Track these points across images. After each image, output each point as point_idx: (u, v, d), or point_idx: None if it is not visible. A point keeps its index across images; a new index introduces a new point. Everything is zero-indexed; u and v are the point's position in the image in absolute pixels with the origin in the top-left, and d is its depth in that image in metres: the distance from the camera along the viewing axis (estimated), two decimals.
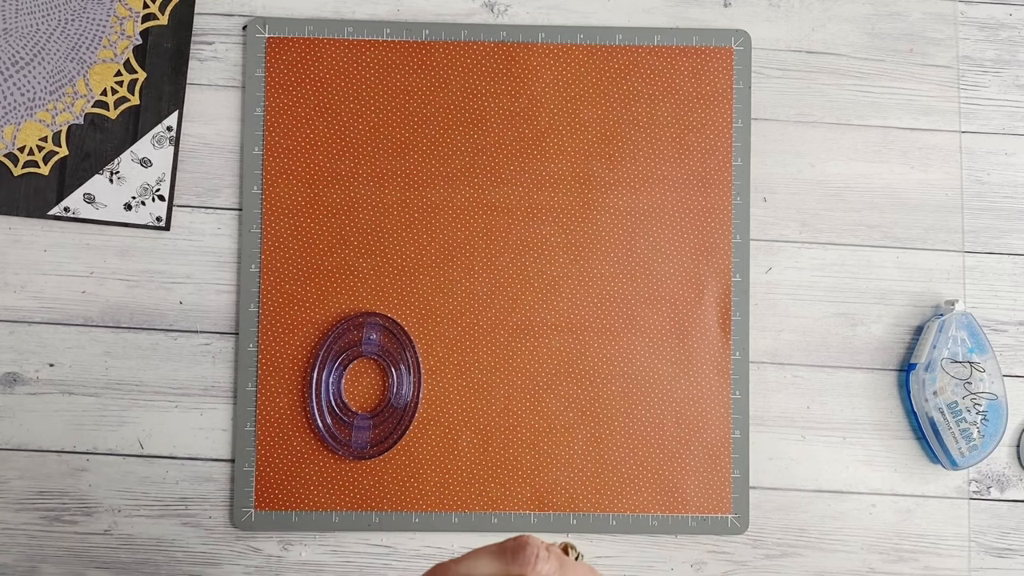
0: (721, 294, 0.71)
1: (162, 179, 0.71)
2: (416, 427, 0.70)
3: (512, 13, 0.73)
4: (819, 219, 0.73)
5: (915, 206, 0.73)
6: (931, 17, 0.74)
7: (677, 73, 0.72)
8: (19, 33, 0.70)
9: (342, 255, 0.71)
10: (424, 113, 0.72)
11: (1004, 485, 0.72)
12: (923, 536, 0.71)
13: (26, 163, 0.70)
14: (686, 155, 0.72)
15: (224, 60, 0.72)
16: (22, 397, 0.70)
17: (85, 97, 0.71)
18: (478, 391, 0.70)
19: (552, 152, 0.72)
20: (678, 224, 0.72)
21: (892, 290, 0.73)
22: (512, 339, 0.71)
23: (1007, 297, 0.73)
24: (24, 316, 0.70)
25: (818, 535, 0.71)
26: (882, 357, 0.72)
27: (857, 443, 0.72)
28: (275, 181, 0.71)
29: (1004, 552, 0.71)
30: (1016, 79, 0.74)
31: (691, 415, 0.71)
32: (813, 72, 0.74)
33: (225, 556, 0.70)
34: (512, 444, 0.70)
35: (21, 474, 0.70)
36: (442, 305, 0.71)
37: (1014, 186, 0.73)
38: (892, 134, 0.73)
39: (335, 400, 0.69)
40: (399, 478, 0.70)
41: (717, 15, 0.73)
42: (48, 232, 0.71)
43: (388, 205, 0.71)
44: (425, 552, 0.70)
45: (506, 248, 0.71)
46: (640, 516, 0.70)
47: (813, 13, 0.74)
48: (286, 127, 0.71)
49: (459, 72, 0.72)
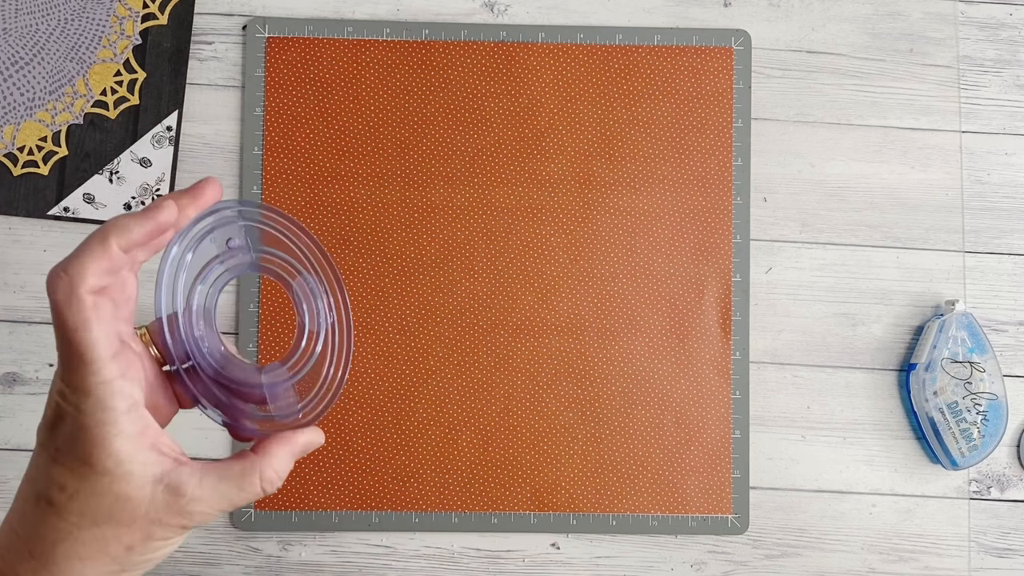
0: (721, 294, 0.71)
1: (162, 179, 0.71)
2: (416, 427, 0.70)
3: (512, 13, 0.73)
4: (819, 219, 0.73)
5: (915, 206, 0.73)
6: (931, 17, 0.74)
7: (677, 73, 0.72)
8: (19, 33, 0.70)
9: (342, 255, 0.71)
10: (424, 113, 0.72)
11: (1004, 485, 0.72)
12: (923, 536, 0.71)
13: (26, 163, 0.70)
14: (686, 155, 0.72)
15: (224, 60, 0.72)
16: (22, 397, 0.70)
17: (85, 97, 0.71)
18: (478, 391, 0.70)
19: (552, 152, 0.72)
20: (678, 224, 0.72)
21: (892, 290, 0.73)
22: (512, 339, 0.71)
23: (1007, 297, 0.73)
24: (24, 316, 0.70)
25: (818, 535, 0.71)
26: (882, 357, 0.72)
27: (857, 443, 0.72)
28: (275, 181, 0.71)
29: (1004, 552, 0.71)
30: (1016, 79, 0.74)
31: (691, 415, 0.71)
32: (813, 72, 0.73)
33: (225, 556, 0.70)
34: (512, 444, 0.70)
35: (21, 474, 0.69)
36: (442, 305, 0.71)
37: (1014, 186, 0.73)
38: (892, 134, 0.73)
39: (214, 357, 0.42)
40: (399, 478, 0.70)
41: (717, 15, 0.73)
42: (48, 232, 0.71)
43: (388, 205, 0.71)
44: (425, 552, 0.70)
45: (506, 248, 0.71)
46: (640, 516, 0.70)
47: (813, 13, 0.74)
48: (286, 127, 0.71)
49: (459, 72, 0.72)
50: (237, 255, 0.44)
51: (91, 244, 0.38)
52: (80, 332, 0.37)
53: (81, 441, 0.37)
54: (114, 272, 0.38)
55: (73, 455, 0.38)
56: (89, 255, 0.37)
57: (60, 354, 0.38)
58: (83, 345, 0.37)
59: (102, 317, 0.37)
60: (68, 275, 0.37)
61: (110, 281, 0.38)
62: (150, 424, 0.39)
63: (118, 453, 0.37)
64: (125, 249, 0.38)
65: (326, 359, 0.46)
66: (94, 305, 0.37)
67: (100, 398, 0.37)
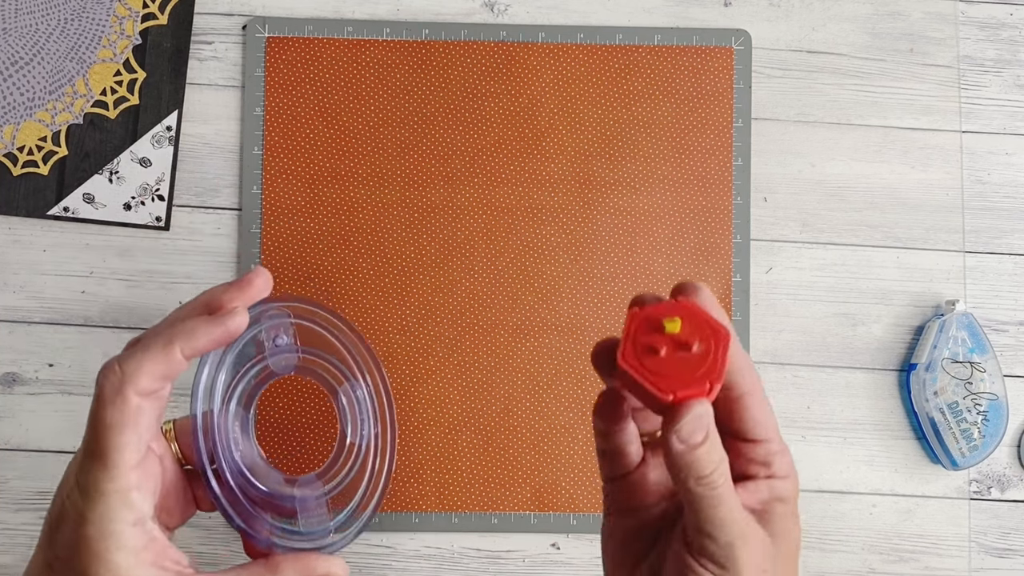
0: (721, 294, 0.71)
1: (161, 179, 0.71)
2: (416, 427, 0.70)
3: (512, 13, 0.73)
4: (820, 219, 0.73)
5: (916, 206, 0.73)
6: (932, 17, 0.74)
7: (677, 73, 0.72)
8: (18, 33, 0.70)
9: (342, 255, 0.71)
10: (424, 113, 0.72)
11: (1005, 485, 0.72)
12: (923, 536, 0.71)
13: (25, 163, 0.70)
14: (686, 155, 0.72)
15: (224, 60, 0.72)
16: (22, 397, 0.70)
17: (84, 97, 0.71)
18: (478, 391, 0.70)
19: (552, 152, 0.72)
20: (678, 224, 0.72)
21: (892, 290, 0.72)
22: (512, 339, 0.71)
23: (1008, 297, 0.73)
24: (24, 316, 0.70)
25: (818, 535, 0.71)
26: (882, 357, 0.72)
27: (857, 443, 0.72)
28: (275, 181, 0.71)
29: (1004, 552, 0.71)
30: (1017, 79, 0.74)
31: None
32: (814, 72, 0.73)
33: (224, 556, 0.70)
34: (512, 444, 0.70)
35: (21, 474, 0.69)
36: (442, 305, 0.71)
37: (1015, 186, 0.73)
38: (893, 134, 0.73)
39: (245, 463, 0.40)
40: (399, 478, 0.70)
41: (717, 15, 0.73)
42: (48, 232, 0.71)
43: (388, 205, 0.71)
44: (425, 552, 0.70)
45: (506, 248, 0.71)
46: None
47: (814, 13, 0.74)
48: (286, 127, 0.71)
49: (459, 72, 0.72)
50: (283, 354, 0.41)
51: (154, 345, 0.35)
52: (113, 433, 0.35)
53: (81, 553, 0.35)
54: (171, 378, 0.36)
55: (70, 568, 0.35)
56: (149, 357, 0.35)
57: (85, 447, 0.36)
58: (111, 447, 0.35)
59: (140, 423, 0.35)
60: (122, 371, 0.35)
61: (163, 386, 0.36)
62: (156, 537, 0.36)
63: (117, 569, 0.35)
64: (188, 357, 0.36)
65: (365, 474, 0.42)
66: (137, 409, 0.35)
67: (109, 507, 0.35)
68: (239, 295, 0.38)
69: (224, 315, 0.37)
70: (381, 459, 0.43)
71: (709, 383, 0.34)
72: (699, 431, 0.33)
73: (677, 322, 0.34)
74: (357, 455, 0.43)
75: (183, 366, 0.36)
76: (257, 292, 0.39)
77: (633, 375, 0.34)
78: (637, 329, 0.34)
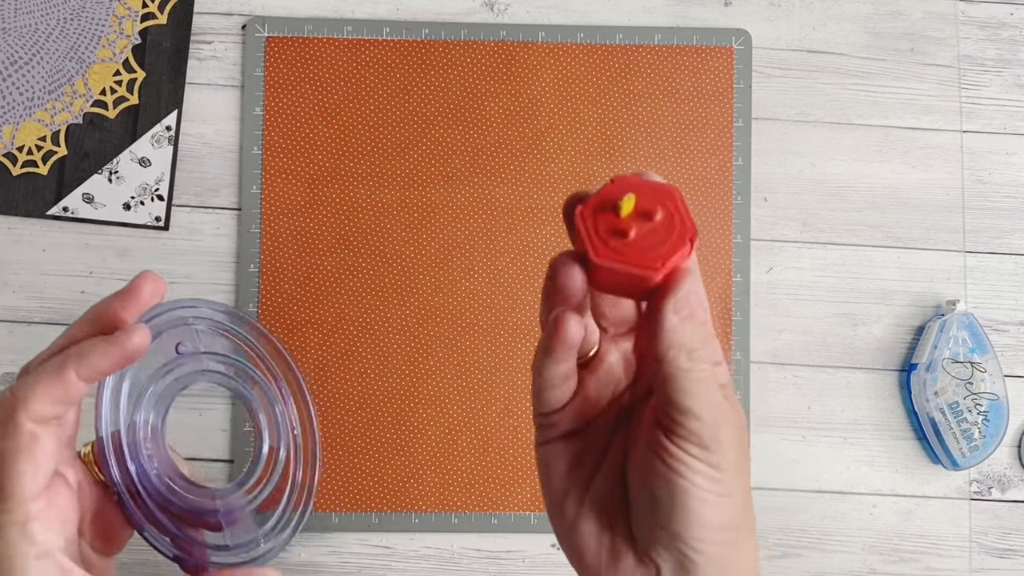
0: (722, 294, 0.71)
1: (161, 179, 0.71)
2: (416, 427, 0.70)
3: (512, 12, 0.73)
4: (820, 219, 0.73)
5: (916, 206, 0.73)
6: (932, 16, 0.74)
7: (677, 72, 0.72)
8: (18, 32, 0.70)
9: (342, 255, 0.70)
10: (424, 112, 0.71)
11: (1005, 486, 0.72)
12: (924, 537, 0.71)
13: (25, 163, 0.70)
14: (686, 155, 0.72)
15: (223, 59, 0.72)
16: None
17: (84, 97, 0.70)
18: (478, 391, 0.70)
19: (552, 152, 0.72)
20: None
21: (893, 290, 0.72)
22: (512, 339, 0.71)
23: (1008, 297, 0.73)
24: (24, 316, 0.70)
25: (819, 536, 0.71)
26: (883, 357, 0.72)
27: (858, 443, 0.71)
28: (274, 181, 0.71)
29: (1005, 553, 0.71)
30: (1017, 79, 0.74)
31: None
32: (814, 71, 0.73)
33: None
34: (512, 444, 0.70)
35: None
36: (442, 305, 0.71)
37: (1015, 186, 0.73)
38: (893, 134, 0.73)
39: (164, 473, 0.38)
40: (399, 478, 0.70)
41: (718, 14, 0.73)
42: (47, 232, 0.71)
43: (388, 205, 0.71)
44: (425, 553, 0.70)
45: (506, 248, 0.71)
46: None
47: (814, 12, 0.74)
48: (285, 127, 0.71)
49: (459, 71, 0.72)
50: (187, 362, 0.39)
51: (46, 369, 0.33)
52: (6, 464, 0.32)
53: None
54: (69, 402, 0.34)
55: None
56: (42, 381, 0.33)
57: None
58: (5, 477, 0.32)
59: (35, 451, 0.33)
60: (12, 396, 0.33)
61: (63, 411, 0.34)
62: (68, 570, 0.33)
63: None
64: (87, 379, 0.34)
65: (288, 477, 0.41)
66: (31, 436, 0.33)
67: (8, 542, 0.32)
68: (130, 306, 0.36)
69: (122, 335, 0.34)
70: (305, 459, 0.41)
71: (688, 240, 0.33)
72: (693, 302, 0.32)
73: (632, 198, 0.33)
74: (278, 459, 0.42)
75: (82, 388, 0.33)
76: (148, 299, 0.36)
77: (615, 266, 0.32)
78: (594, 223, 0.34)
